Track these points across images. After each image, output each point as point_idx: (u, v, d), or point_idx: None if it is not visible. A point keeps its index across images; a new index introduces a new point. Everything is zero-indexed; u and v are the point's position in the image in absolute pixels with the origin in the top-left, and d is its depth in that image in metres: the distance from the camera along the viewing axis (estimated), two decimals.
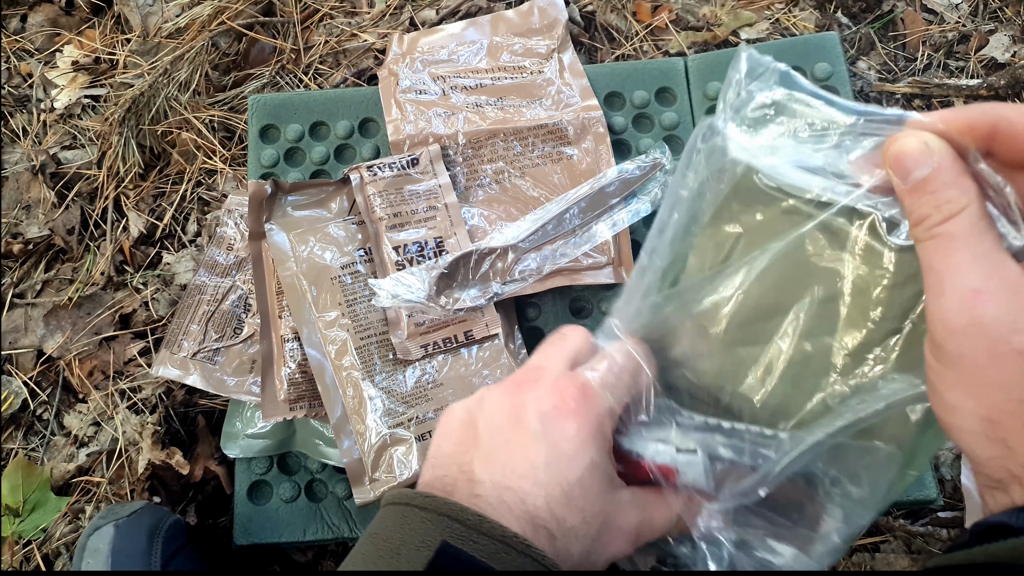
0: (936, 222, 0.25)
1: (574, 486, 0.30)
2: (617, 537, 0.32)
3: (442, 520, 0.29)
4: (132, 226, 0.70)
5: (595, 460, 0.31)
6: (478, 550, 0.28)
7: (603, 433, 0.32)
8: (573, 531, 0.31)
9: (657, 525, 0.34)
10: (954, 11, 0.76)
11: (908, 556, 0.58)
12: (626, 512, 0.33)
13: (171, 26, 0.76)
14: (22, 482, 0.63)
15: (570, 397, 0.32)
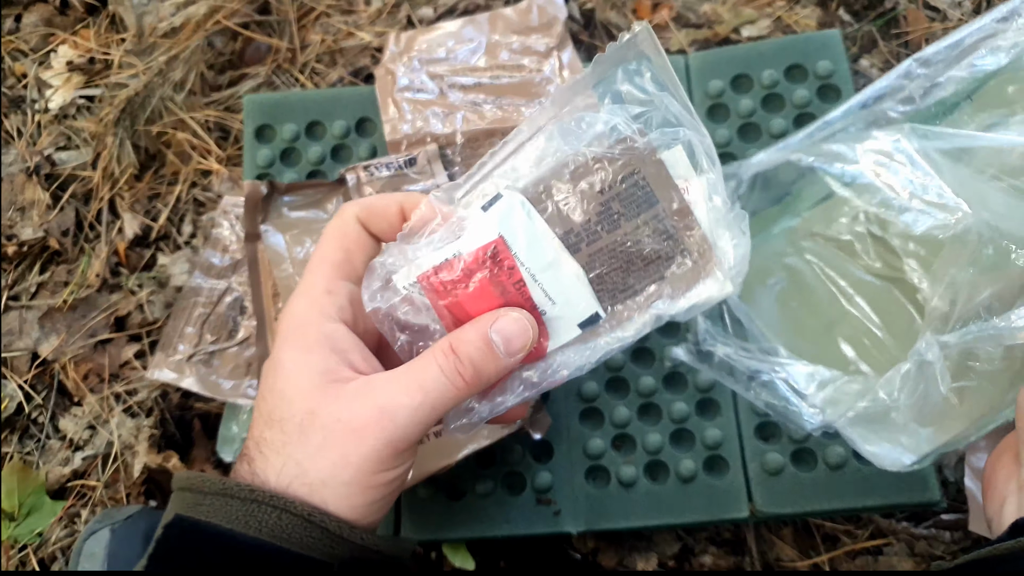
0: None
1: (267, 398, 0.29)
2: (334, 431, 0.28)
3: (179, 495, 0.29)
4: (127, 227, 0.70)
5: (287, 362, 0.29)
6: (203, 511, 0.28)
7: (302, 333, 0.30)
8: (270, 444, 0.29)
9: (405, 390, 0.29)
10: (957, 9, 0.75)
11: (912, 559, 0.57)
12: (347, 400, 0.28)
13: (166, 26, 0.75)
14: (17, 486, 0.62)
15: (279, 318, 0.31)
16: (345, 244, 0.32)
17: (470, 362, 0.29)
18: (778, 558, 0.58)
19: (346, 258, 0.32)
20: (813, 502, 0.51)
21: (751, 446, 0.52)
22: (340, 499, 0.28)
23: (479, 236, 0.29)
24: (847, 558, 0.57)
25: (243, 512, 0.27)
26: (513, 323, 0.29)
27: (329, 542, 0.28)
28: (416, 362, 0.30)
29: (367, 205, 0.32)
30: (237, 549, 0.27)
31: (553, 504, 0.52)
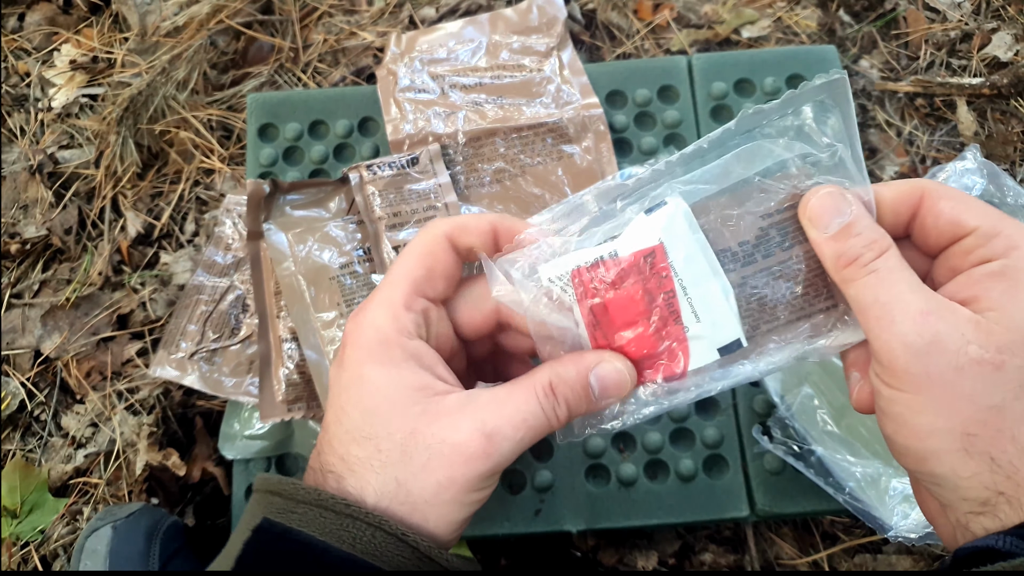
0: (870, 259, 0.27)
1: (348, 413, 0.29)
2: (441, 453, 0.28)
3: (265, 497, 0.29)
4: (130, 226, 0.70)
5: (375, 379, 0.28)
6: (295, 520, 0.28)
7: (388, 345, 0.29)
8: (364, 462, 0.28)
9: (510, 421, 0.28)
10: (956, 9, 0.75)
11: (910, 557, 0.57)
12: (451, 420, 0.28)
13: (169, 25, 0.75)
14: (20, 483, 0.62)
15: (347, 332, 0.30)
16: (429, 262, 0.31)
17: (566, 404, 0.29)
18: (777, 556, 0.58)
19: (427, 276, 0.31)
20: (813, 501, 0.51)
21: (751, 445, 0.53)
22: (440, 517, 0.28)
23: (639, 239, 0.29)
24: (846, 555, 0.58)
25: (337, 525, 0.27)
26: (615, 373, 0.30)
27: (417, 562, 0.28)
28: (519, 392, 0.29)
29: (459, 224, 0.31)
30: (328, 561, 0.27)
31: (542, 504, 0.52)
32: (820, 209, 0.28)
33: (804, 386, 0.49)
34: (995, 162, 0.65)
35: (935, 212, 0.28)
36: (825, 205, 0.28)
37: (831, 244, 0.28)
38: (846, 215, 0.28)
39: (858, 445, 0.48)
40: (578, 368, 0.30)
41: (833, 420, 0.48)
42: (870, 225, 0.28)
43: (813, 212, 0.29)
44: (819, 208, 0.28)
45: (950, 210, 0.28)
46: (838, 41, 0.74)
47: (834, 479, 0.46)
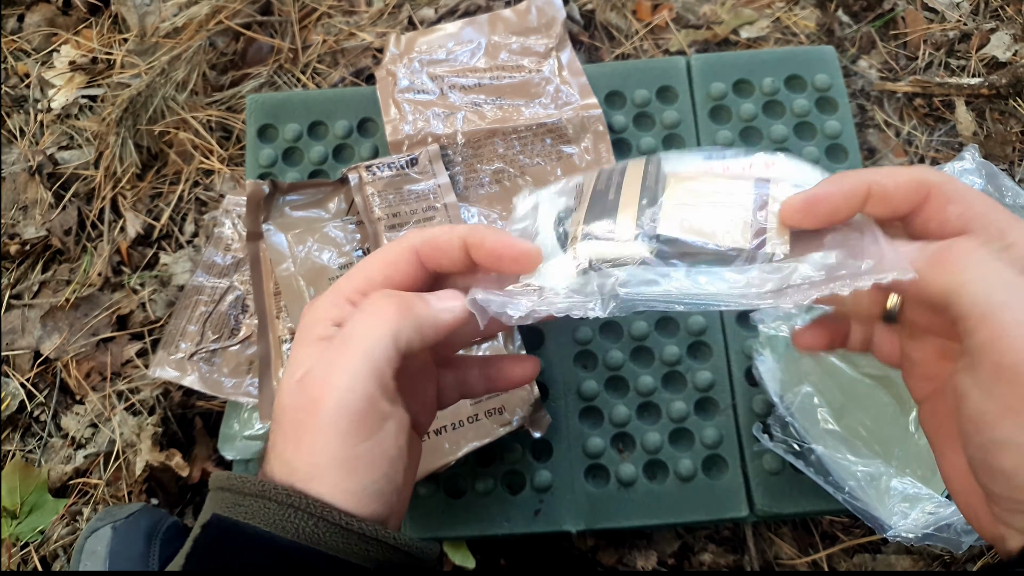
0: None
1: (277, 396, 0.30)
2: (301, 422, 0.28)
3: (217, 494, 0.30)
4: (129, 227, 0.70)
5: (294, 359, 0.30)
6: (241, 513, 0.28)
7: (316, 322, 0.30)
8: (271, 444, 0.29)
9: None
10: (955, 10, 0.76)
11: (909, 557, 0.57)
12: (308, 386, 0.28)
13: (168, 26, 0.76)
14: (19, 484, 0.62)
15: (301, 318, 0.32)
16: (390, 271, 0.32)
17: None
18: (777, 556, 0.58)
19: (383, 282, 0.32)
20: (812, 501, 0.51)
21: (750, 445, 0.53)
22: (332, 486, 0.28)
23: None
24: (845, 555, 0.58)
25: (280, 515, 0.27)
26: (448, 298, 0.32)
27: (363, 545, 0.28)
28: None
29: (429, 239, 0.32)
30: (275, 551, 0.27)
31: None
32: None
33: (804, 385, 0.49)
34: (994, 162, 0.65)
35: (941, 217, 0.27)
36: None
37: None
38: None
39: (858, 444, 0.48)
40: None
41: (833, 419, 0.48)
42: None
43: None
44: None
45: (957, 218, 0.27)
46: (837, 41, 0.75)
47: (834, 478, 0.46)
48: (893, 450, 0.48)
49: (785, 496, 0.51)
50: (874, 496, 0.45)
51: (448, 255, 0.31)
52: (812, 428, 0.48)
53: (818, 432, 0.47)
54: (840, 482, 0.46)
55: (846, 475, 0.46)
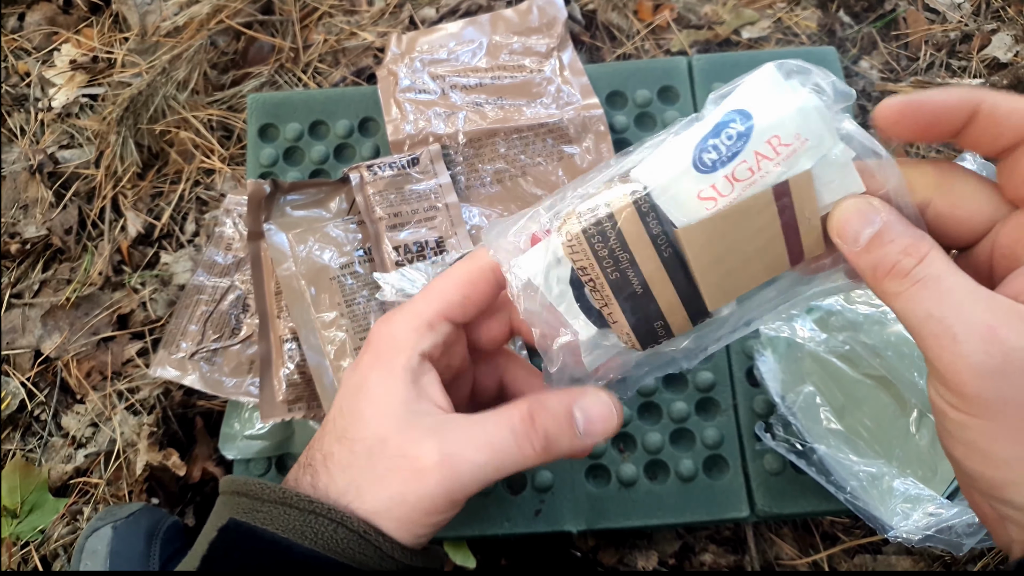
0: (910, 266, 0.24)
1: (343, 413, 0.29)
2: (399, 467, 0.28)
3: (232, 499, 0.29)
4: (130, 226, 0.70)
5: (369, 382, 0.29)
6: (260, 518, 0.28)
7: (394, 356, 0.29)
8: (337, 462, 0.29)
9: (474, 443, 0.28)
10: (956, 10, 0.76)
11: (910, 558, 0.57)
12: (418, 435, 0.28)
13: (169, 25, 0.75)
14: (20, 483, 0.62)
15: (370, 332, 0.31)
16: (468, 291, 0.31)
17: (545, 434, 0.28)
18: (777, 556, 0.58)
19: (462, 303, 0.31)
20: (813, 502, 0.51)
21: (751, 446, 0.53)
22: (391, 531, 0.28)
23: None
24: (846, 556, 0.58)
25: (301, 522, 0.27)
26: (600, 406, 0.28)
27: (379, 560, 0.28)
28: (492, 415, 0.29)
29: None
30: (292, 559, 0.27)
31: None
32: (845, 222, 0.25)
33: (806, 385, 0.49)
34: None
35: (995, 121, 0.24)
36: (849, 217, 0.25)
37: (864, 257, 0.25)
38: (875, 223, 0.25)
39: (861, 444, 0.48)
40: (563, 399, 0.29)
41: (835, 418, 0.48)
42: (904, 229, 0.25)
43: (839, 227, 0.26)
44: (843, 221, 0.25)
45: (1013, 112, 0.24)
46: (838, 42, 0.75)
47: (835, 478, 0.46)
48: (894, 451, 0.48)
49: (786, 496, 0.51)
50: (876, 496, 0.45)
51: None
52: (814, 427, 0.48)
53: (820, 431, 0.47)
54: (841, 482, 0.46)
55: (848, 475, 0.46)
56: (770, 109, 0.26)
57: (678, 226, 0.27)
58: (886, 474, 0.45)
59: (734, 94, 0.27)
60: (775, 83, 0.26)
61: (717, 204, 0.27)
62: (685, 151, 0.27)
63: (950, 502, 0.44)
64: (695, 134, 0.27)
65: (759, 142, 0.26)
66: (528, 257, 0.28)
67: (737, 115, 0.26)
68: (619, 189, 0.27)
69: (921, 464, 0.48)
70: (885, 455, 0.48)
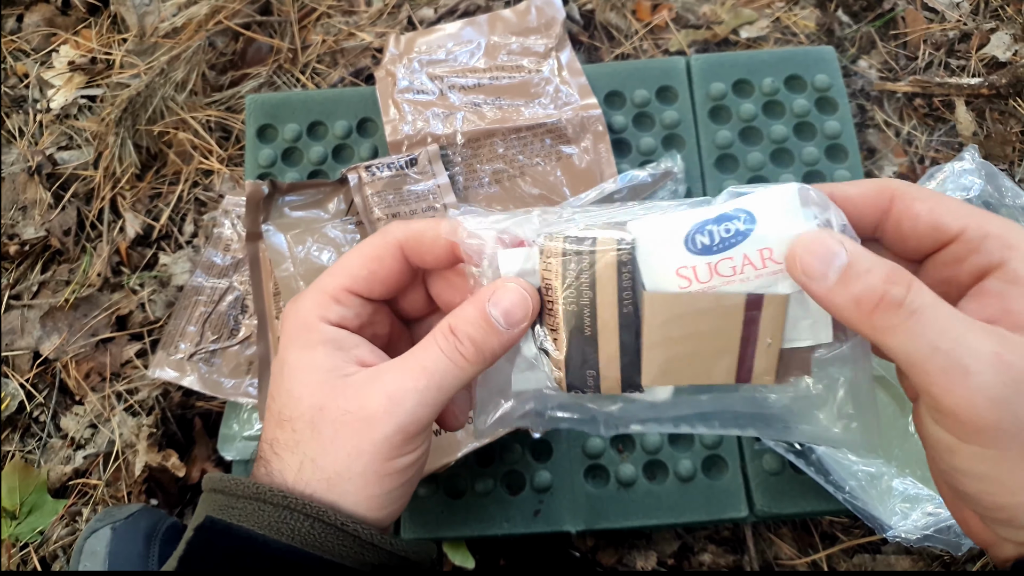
0: (903, 295, 0.22)
1: (276, 399, 0.29)
2: (345, 423, 0.28)
3: (210, 496, 0.30)
4: (129, 227, 0.70)
5: (292, 362, 0.29)
6: (235, 515, 0.28)
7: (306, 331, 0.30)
8: (284, 445, 0.29)
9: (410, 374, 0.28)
10: (955, 9, 0.76)
11: (909, 557, 0.57)
12: (356, 391, 0.28)
13: (168, 26, 0.75)
14: (19, 484, 0.62)
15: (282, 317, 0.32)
16: (374, 266, 0.31)
17: (469, 340, 0.28)
18: (776, 556, 0.58)
19: (368, 278, 0.31)
20: (811, 502, 0.51)
21: (750, 446, 0.53)
22: (358, 490, 0.28)
23: None
24: (845, 555, 0.58)
25: (276, 518, 0.27)
26: (512, 293, 0.28)
27: (359, 549, 0.28)
28: (418, 346, 0.29)
29: (415, 234, 0.31)
30: (269, 554, 0.27)
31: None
32: (807, 255, 0.24)
33: None
34: (993, 162, 0.65)
35: (911, 215, 0.25)
36: (811, 249, 0.24)
37: (841, 293, 0.23)
38: (840, 255, 0.23)
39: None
40: (474, 304, 0.29)
41: None
42: (874, 258, 0.24)
43: (802, 261, 0.24)
44: (805, 254, 0.24)
45: (927, 213, 0.25)
46: (836, 41, 0.75)
47: (834, 478, 0.46)
48: (892, 450, 0.48)
49: (784, 496, 0.51)
50: (875, 496, 0.45)
51: (433, 251, 0.31)
52: None
53: None
54: (840, 482, 0.46)
55: (847, 475, 0.46)
56: (775, 223, 0.26)
57: (647, 288, 0.27)
58: (885, 474, 0.45)
59: (750, 196, 0.27)
60: (791, 204, 0.26)
61: (690, 286, 0.27)
62: (683, 225, 0.27)
63: None
64: (699, 214, 0.27)
65: (752, 247, 0.26)
66: (509, 255, 0.29)
67: (744, 214, 0.26)
68: (611, 233, 0.28)
69: (920, 464, 0.48)
70: (884, 455, 0.48)
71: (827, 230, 0.25)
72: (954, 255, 0.25)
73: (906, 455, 0.48)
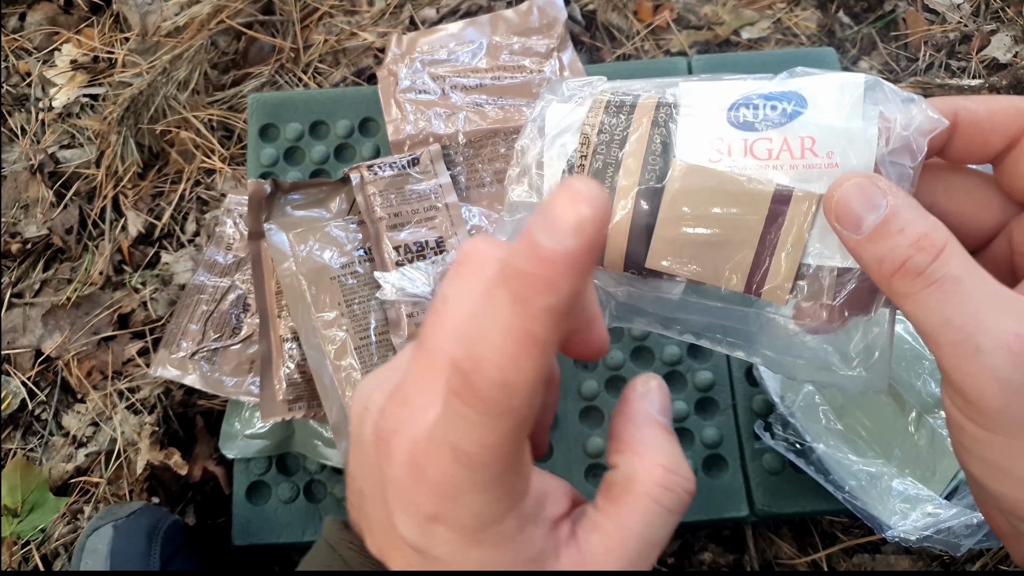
0: (925, 264, 0.21)
1: None
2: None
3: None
4: (131, 226, 0.70)
5: (487, 562, 0.19)
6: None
7: (496, 522, 0.19)
8: None
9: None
10: (956, 11, 0.76)
11: (908, 557, 0.58)
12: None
13: (170, 25, 0.76)
14: (20, 482, 0.62)
15: (433, 505, 0.19)
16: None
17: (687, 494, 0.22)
18: (776, 555, 0.58)
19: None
20: (812, 501, 0.51)
21: (750, 445, 0.53)
22: None
23: None
24: (844, 555, 0.58)
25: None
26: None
27: None
28: (619, 508, 0.21)
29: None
30: None
31: None
32: (845, 202, 0.22)
33: (806, 384, 0.49)
34: None
35: (978, 127, 0.22)
36: (851, 197, 0.22)
37: (868, 248, 0.22)
38: (880, 208, 0.21)
39: (860, 443, 0.48)
40: (655, 426, 0.22)
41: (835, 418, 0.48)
42: (915, 216, 0.21)
43: (838, 208, 0.22)
44: (844, 201, 0.22)
45: None
46: (838, 42, 0.75)
47: (834, 477, 0.46)
48: (893, 451, 0.49)
49: (785, 496, 0.52)
50: (875, 496, 0.45)
51: None
52: (814, 427, 0.48)
53: (820, 430, 0.48)
54: (840, 481, 0.46)
55: (847, 475, 0.46)
56: (826, 112, 0.24)
57: (676, 156, 0.24)
58: (885, 474, 0.45)
59: (812, 77, 0.24)
60: (853, 96, 0.23)
61: (720, 162, 0.24)
62: (731, 94, 0.24)
63: (948, 502, 0.44)
64: (751, 86, 0.24)
65: (794, 132, 0.23)
66: (560, 109, 0.26)
67: (796, 97, 0.24)
68: (658, 91, 0.25)
69: (920, 464, 0.48)
70: (884, 455, 0.48)
71: (873, 176, 0.22)
72: None
73: (906, 455, 0.48)
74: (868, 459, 0.46)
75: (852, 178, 0.22)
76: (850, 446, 0.47)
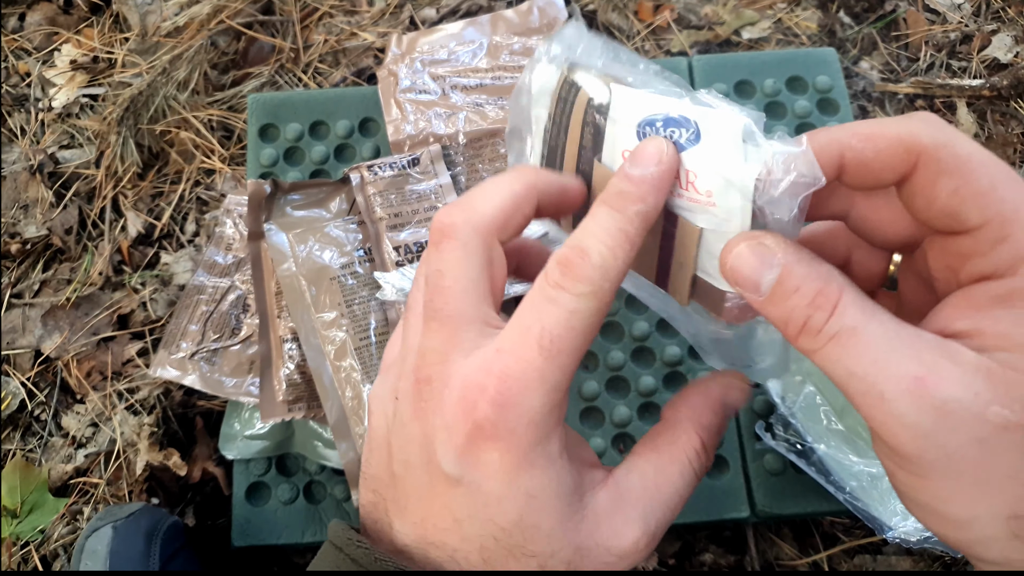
0: (823, 321, 0.21)
1: (512, 532, 0.24)
2: (607, 563, 0.24)
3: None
4: (130, 226, 0.70)
5: (534, 489, 0.23)
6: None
7: (545, 438, 0.23)
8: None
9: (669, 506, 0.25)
10: (956, 11, 0.76)
11: (909, 558, 0.57)
12: (611, 524, 0.24)
13: (170, 25, 0.76)
14: (20, 483, 0.62)
15: (483, 417, 0.22)
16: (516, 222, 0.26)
17: (712, 450, 0.26)
18: (778, 556, 0.58)
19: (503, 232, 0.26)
20: (813, 502, 0.51)
21: (751, 446, 0.53)
22: None
23: None
24: (846, 556, 0.58)
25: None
26: (740, 392, 0.27)
27: None
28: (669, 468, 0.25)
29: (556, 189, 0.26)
30: None
31: None
32: (739, 272, 0.22)
33: (807, 385, 0.49)
34: None
35: (930, 193, 0.22)
36: (742, 265, 0.22)
37: (772, 310, 0.22)
38: (773, 267, 0.22)
39: (861, 444, 0.48)
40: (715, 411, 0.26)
41: (836, 419, 0.48)
42: (807, 272, 0.22)
43: (734, 277, 0.23)
44: (738, 271, 0.22)
45: (947, 197, 0.21)
46: (838, 42, 0.75)
47: (835, 478, 0.46)
48: None
49: (786, 497, 0.51)
50: (876, 497, 0.45)
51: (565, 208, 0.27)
52: (815, 427, 0.48)
53: (821, 431, 0.47)
54: (841, 482, 0.46)
55: (847, 475, 0.46)
56: (712, 151, 0.24)
57: (602, 158, 0.25)
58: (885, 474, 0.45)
59: (706, 111, 0.24)
60: (733, 138, 0.23)
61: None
62: (646, 109, 0.25)
63: None
64: (664, 105, 0.25)
65: (682, 165, 0.24)
66: (544, 72, 0.27)
67: (693, 127, 0.24)
68: (596, 87, 0.26)
69: None
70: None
71: (759, 235, 0.23)
72: (961, 250, 0.22)
73: None
74: (869, 460, 0.46)
75: (741, 242, 0.23)
76: (851, 447, 0.47)
